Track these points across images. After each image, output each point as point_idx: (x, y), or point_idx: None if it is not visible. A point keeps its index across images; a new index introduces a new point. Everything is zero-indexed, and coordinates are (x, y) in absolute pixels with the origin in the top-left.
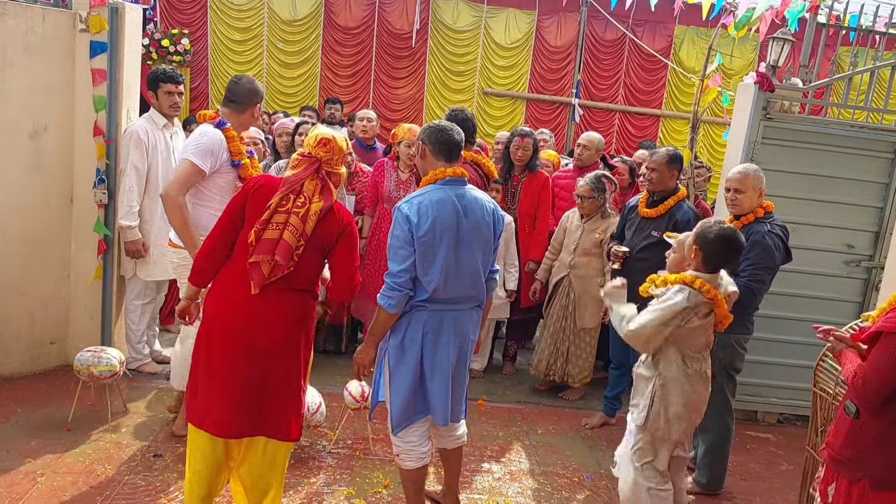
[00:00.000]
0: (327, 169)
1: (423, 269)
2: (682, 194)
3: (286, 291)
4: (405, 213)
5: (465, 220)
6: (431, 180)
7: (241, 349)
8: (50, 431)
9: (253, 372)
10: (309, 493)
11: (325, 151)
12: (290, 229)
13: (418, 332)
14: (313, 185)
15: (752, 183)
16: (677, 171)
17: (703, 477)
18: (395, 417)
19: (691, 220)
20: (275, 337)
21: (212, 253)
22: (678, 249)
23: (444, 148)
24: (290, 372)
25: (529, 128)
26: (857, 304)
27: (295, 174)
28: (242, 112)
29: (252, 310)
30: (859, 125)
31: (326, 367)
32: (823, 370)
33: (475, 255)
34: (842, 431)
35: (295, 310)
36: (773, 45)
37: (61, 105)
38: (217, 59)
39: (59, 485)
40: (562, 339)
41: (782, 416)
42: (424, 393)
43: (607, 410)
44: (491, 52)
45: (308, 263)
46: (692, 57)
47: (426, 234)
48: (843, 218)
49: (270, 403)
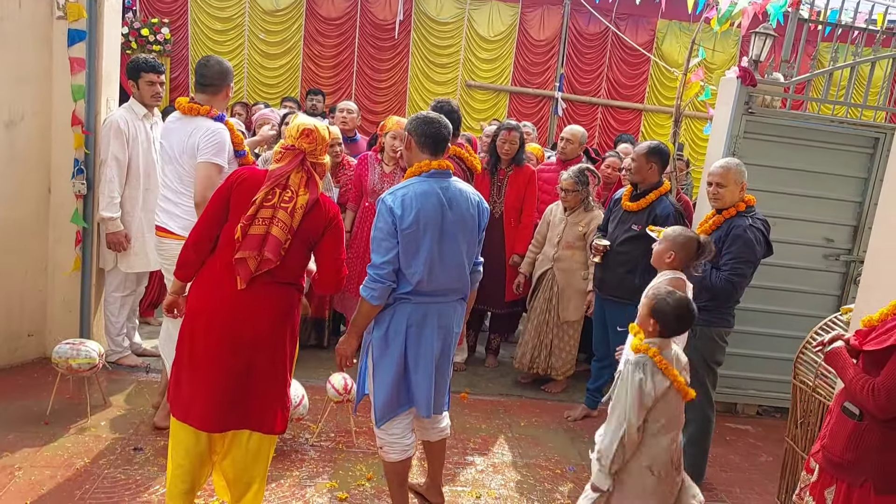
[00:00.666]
0: (311, 160)
1: (407, 262)
2: (665, 189)
3: (272, 285)
4: (389, 205)
5: (449, 212)
6: (416, 172)
7: (226, 343)
8: (28, 425)
9: (238, 366)
10: (291, 486)
11: (308, 142)
12: (280, 224)
13: (402, 324)
14: (299, 177)
15: (734, 177)
16: (657, 164)
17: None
18: (378, 410)
19: (671, 215)
20: (260, 331)
21: (197, 245)
22: (661, 241)
23: (431, 141)
24: (276, 366)
25: (517, 122)
26: (835, 298)
27: (280, 167)
28: (217, 94)
29: (237, 304)
30: (839, 120)
31: (309, 361)
32: (803, 363)
33: (459, 248)
34: (842, 435)
35: (280, 303)
36: (755, 39)
37: (38, 94)
38: (198, 49)
39: (38, 479)
40: (545, 331)
41: (761, 408)
42: (408, 385)
43: (589, 403)
44: (474, 45)
45: (294, 257)
46: (675, 51)
47: (410, 226)
48: (822, 212)
49: (255, 397)
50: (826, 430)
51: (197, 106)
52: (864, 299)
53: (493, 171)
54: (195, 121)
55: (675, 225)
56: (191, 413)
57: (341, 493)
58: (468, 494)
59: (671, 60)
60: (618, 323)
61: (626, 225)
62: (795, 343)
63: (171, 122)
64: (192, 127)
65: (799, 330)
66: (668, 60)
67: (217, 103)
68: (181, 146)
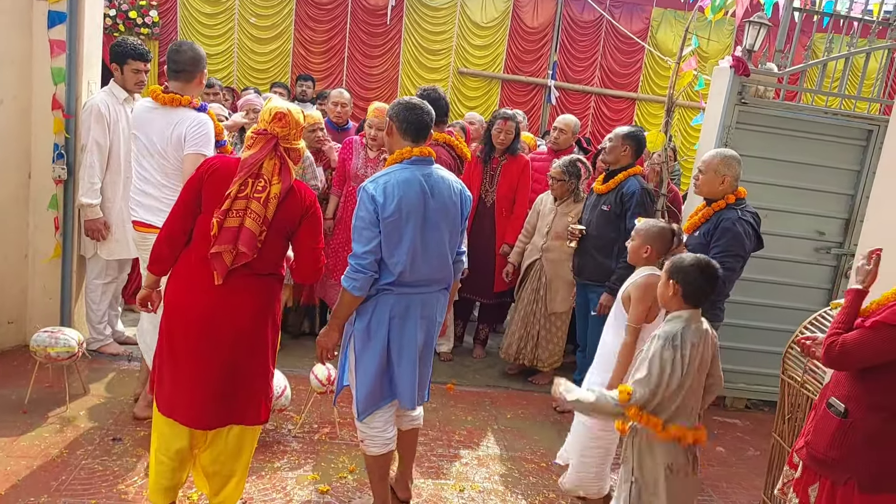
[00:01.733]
0: (285, 145)
1: (389, 251)
2: (636, 171)
3: (250, 277)
4: (370, 193)
5: (431, 200)
6: (398, 159)
7: (206, 339)
8: (5, 413)
9: (220, 361)
10: (273, 479)
11: (281, 127)
12: (252, 216)
13: (385, 315)
14: (272, 164)
15: (715, 166)
16: (632, 148)
17: None
18: (360, 403)
19: (636, 192)
20: (240, 325)
21: (170, 239)
22: (634, 236)
23: (412, 128)
24: (259, 358)
25: (514, 111)
26: (826, 291)
27: (252, 155)
28: (191, 81)
29: (215, 298)
30: (833, 112)
31: (294, 350)
32: (792, 357)
33: (442, 237)
34: (826, 432)
35: (260, 295)
36: (748, 29)
37: (18, 77)
38: (186, 33)
39: (13, 469)
40: (532, 322)
41: (750, 402)
42: (391, 377)
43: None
44: (467, 31)
45: (271, 248)
46: (669, 40)
47: (392, 214)
48: (814, 205)
49: (240, 391)
50: (810, 427)
51: (178, 96)
52: None
53: (487, 159)
54: (178, 112)
55: (641, 202)
56: (176, 409)
57: (323, 486)
58: (452, 488)
59: (665, 49)
60: (596, 309)
61: (598, 208)
62: (785, 336)
63: (146, 111)
64: (176, 118)
65: (789, 323)
66: (663, 49)
67: (191, 91)
68: (164, 138)
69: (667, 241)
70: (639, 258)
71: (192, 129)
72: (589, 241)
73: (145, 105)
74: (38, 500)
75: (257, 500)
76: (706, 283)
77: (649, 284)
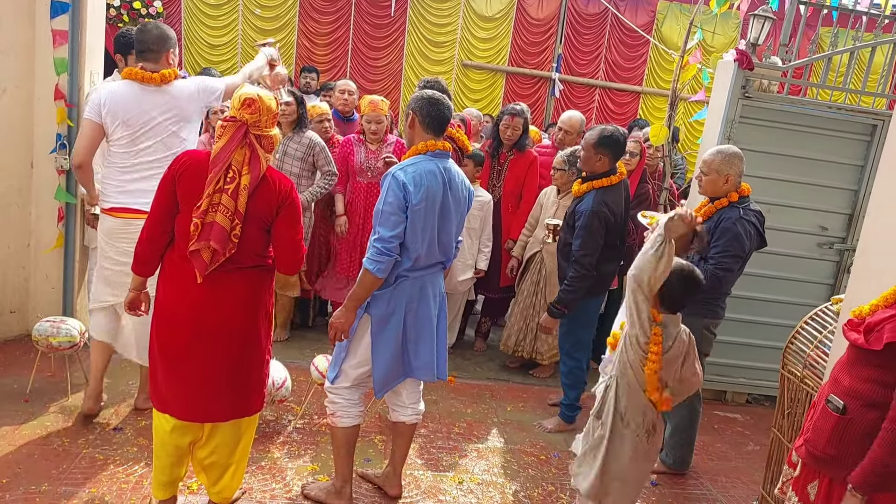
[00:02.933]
0: (255, 132)
1: (412, 237)
2: (602, 183)
3: (233, 272)
4: (401, 181)
5: (449, 192)
6: (422, 150)
7: (196, 337)
8: (7, 402)
9: (213, 358)
10: (273, 469)
11: (250, 113)
12: (221, 209)
13: (402, 301)
14: (242, 154)
15: (717, 167)
16: (608, 155)
17: (669, 457)
18: (378, 383)
19: (584, 214)
20: (229, 321)
21: (151, 241)
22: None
23: (436, 122)
24: (251, 351)
25: (520, 104)
26: (828, 287)
27: (222, 148)
28: (157, 61)
29: (200, 296)
30: (837, 106)
31: (293, 341)
32: (792, 352)
33: (452, 226)
34: (825, 428)
35: (247, 288)
36: (753, 22)
37: (20, 67)
38: (191, 24)
39: (15, 457)
40: (531, 315)
41: (751, 397)
42: (406, 359)
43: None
44: (471, 24)
45: (251, 240)
46: (675, 33)
47: (419, 202)
48: (817, 200)
49: (236, 385)
50: (809, 425)
51: (167, 72)
52: (855, 289)
53: (495, 154)
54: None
55: (586, 225)
56: (170, 403)
57: (322, 477)
58: (451, 479)
59: (671, 43)
60: None
61: (564, 210)
62: (786, 331)
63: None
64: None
65: (790, 318)
66: (668, 43)
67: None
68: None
69: (686, 239)
70: None
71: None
72: (559, 238)
73: (129, 87)
74: (40, 489)
75: (257, 489)
76: (683, 292)
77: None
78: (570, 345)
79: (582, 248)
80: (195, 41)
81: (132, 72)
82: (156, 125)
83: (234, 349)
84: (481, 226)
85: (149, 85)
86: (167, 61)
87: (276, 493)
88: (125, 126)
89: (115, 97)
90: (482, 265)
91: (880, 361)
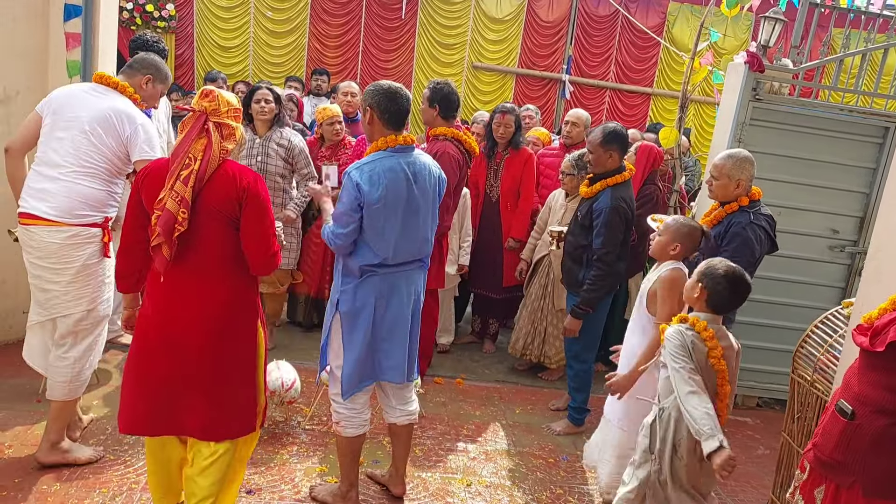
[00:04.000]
0: (215, 119)
1: (374, 236)
2: (616, 180)
3: (201, 275)
4: (355, 181)
5: (414, 186)
6: (382, 147)
7: (159, 346)
8: (20, 402)
9: (172, 370)
10: (282, 470)
11: (209, 101)
12: (173, 196)
13: (371, 297)
14: (200, 143)
15: (728, 171)
16: (617, 151)
17: None
18: (344, 383)
19: (604, 211)
20: (194, 330)
21: (126, 252)
22: (663, 232)
23: (394, 118)
24: (231, 367)
25: (513, 104)
26: (839, 290)
27: (182, 139)
28: (130, 78)
29: (167, 303)
30: (849, 108)
31: (303, 342)
32: (802, 356)
33: (423, 221)
34: (833, 433)
35: (219, 297)
36: (763, 24)
37: (33, 70)
38: (203, 27)
39: (28, 457)
40: (539, 318)
41: (761, 400)
42: (376, 358)
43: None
44: (481, 26)
45: (214, 239)
46: (686, 35)
47: (377, 201)
48: (828, 202)
49: (212, 402)
50: (819, 429)
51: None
52: (866, 293)
53: (490, 154)
54: (120, 98)
55: (607, 221)
56: (138, 421)
57: (331, 478)
58: (459, 482)
59: (681, 44)
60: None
61: (576, 212)
62: (797, 335)
63: (81, 91)
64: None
65: (801, 322)
66: (679, 44)
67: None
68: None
69: (696, 240)
70: (665, 254)
71: (136, 132)
72: (567, 243)
73: (83, 87)
74: (51, 488)
75: (266, 490)
76: (732, 294)
77: (675, 279)
78: (580, 348)
79: (604, 245)
80: (207, 43)
81: (98, 75)
82: (75, 119)
83: (204, 364)
84: (460, 220)
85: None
86: (140, 86)
87: (285, 493)
88: (53, 114)
89: (63, 90)
90: (464, 260)
91: (886, 364)
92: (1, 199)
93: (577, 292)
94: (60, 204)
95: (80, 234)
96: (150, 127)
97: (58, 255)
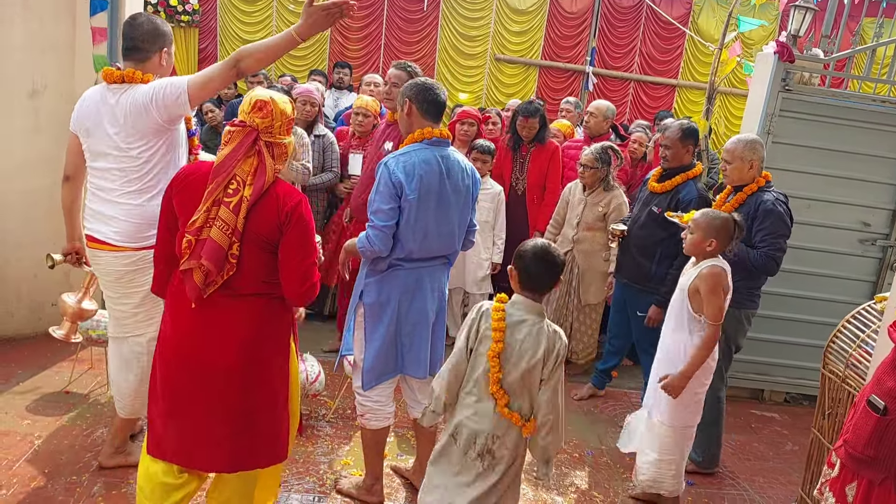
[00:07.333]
0: (266, 139)
1: (404, 228)
2: (695, 172)
3: (234, 300)
4: (391, 170)
5: (447, 181)
6: (418, 139)
7: (186, 372)
8: (49, 393)
9: (207, 398)
10: (307, 463)
11: (261, 117)
12: (219, 224)
13: (396, 290)
14: (249, 164)
15: (741, 153)
16: (693, 145)
17: (697, 455)
18: (365, 374)
19: (693, 201)
20: (229, 356)
21: (162, 261)
22: (694, 229)
23: (433, 108)
24: (259, 397)
25: (537, 103)
26: (870, 284)
27: (227, 155)
28: (145, 62)
29: (196, 325)
30: (881, 99)
31: (327, 334)
32: (833, 351)
33: (453, 216)
34: (865, 429)
35: (250, 321)
36: (794, 13)
37: (61, 64)
38: (226, 20)
39: (56, 447)
40: (565, 314)
41: (789, 396)
42: (399, 351)
43: (597, 382)
44: (504, 17)
45: (253, 263)
46: (711, 25)
47: (412, 192)
48: (859, 195)
49: (238, 435)
50: (849, 425)
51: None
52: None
53: (516, 148)
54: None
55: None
56: (166, 448)
57: (355, 471)
58: None
59: (707, 35)
60: (636, 308)
61: (648, 207)
62: (826, 330)
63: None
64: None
65: (831, 316)
66: (704, 35)
67: (147, 71)
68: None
69: (729, 232)
70: (702, 251)
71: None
72: (632, 239)
73: (98, 90)
74: (80, 479)
75: (291, 483)
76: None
77: (717, 275)
78: (653, 340)
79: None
80: (230, 37)
81: (105, 71)
82: (105, 139)
83: (232, 391)
84: (493, 218)
85: (111, 85)
86: (159, 63)
87: (310, 487)
88: (86, 135)
89: (83, 101)
90: (497, 258)
91: None
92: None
93: (647, 287)
94: (122, 228)
95: (144, 257)
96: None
97: (125, 280)
